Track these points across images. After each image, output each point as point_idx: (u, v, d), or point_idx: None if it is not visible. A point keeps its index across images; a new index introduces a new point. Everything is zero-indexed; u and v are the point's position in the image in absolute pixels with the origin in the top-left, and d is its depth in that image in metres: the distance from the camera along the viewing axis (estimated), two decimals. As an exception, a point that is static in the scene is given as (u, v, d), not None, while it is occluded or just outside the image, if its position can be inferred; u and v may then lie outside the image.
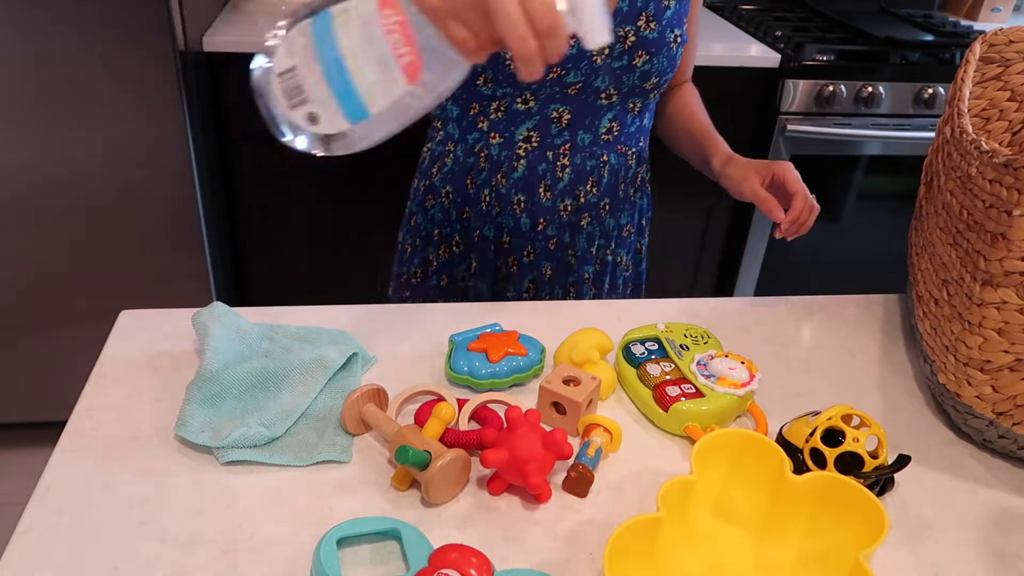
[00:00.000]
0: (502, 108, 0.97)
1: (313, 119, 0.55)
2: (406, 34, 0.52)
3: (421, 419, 0.71)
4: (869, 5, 2.25)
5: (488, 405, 0.74)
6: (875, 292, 0.98)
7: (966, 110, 0.75)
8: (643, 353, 0.78)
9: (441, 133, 1.03)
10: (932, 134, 1.41)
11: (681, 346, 0.79)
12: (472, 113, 0.99)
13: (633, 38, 0.93)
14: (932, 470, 0.71)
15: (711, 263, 2.13)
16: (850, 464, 0.64)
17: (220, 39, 1.62)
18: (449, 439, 0.67)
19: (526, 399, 0.75)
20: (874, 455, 0.65)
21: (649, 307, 0.91)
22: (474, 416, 0.72)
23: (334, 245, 1.92)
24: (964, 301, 0.69)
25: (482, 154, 1.00)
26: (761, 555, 0.61)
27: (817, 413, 0.68)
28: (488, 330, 0.80)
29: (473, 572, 0.55)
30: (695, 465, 0.61)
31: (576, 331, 0.79)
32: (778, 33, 1.95)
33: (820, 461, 0.65)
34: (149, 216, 1.64)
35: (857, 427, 0.66)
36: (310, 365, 0.73)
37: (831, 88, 1.83)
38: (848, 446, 0.64)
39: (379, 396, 0.70)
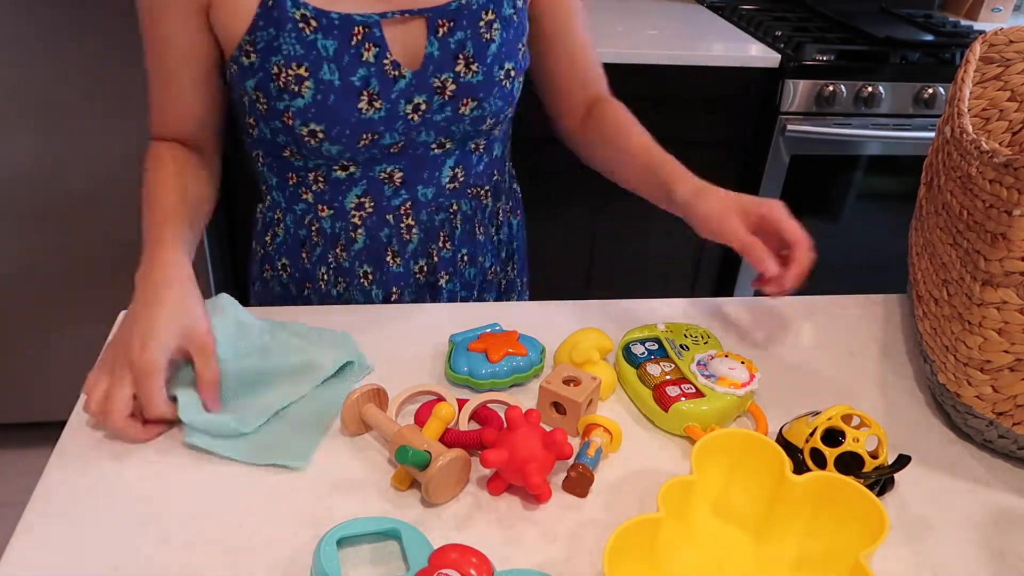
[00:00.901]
0: (320, 178, 0.85)
1: None
2: None
3: (421, 419, 0.71)
4: (869, 5, 2.25)
5: (488, 405, 0.74)
6: (875, 292, 0.98)
7: (966, 110, 0.75)
8: (643, 353, 0.78)
9: (268, 198, 0.91)
10: (932, 134, 1.41)
11: (681, 346, 0.79)
12: (291, 183, 0.87)
13: (453, 86, 0.82)
14: (932, 470, 0.71)
15: (711, 263, 2.13)
16: (850, 464, 0.64)
17: (220, 39, 1.62)
18: (449, 439, 0.67)
19: (526, 399, 0.75)
20: (874, 455, 0.65)
21: (649, 307, 0.91)
22: (474, 416, 0.72)
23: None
24: (964, 301, 0.69)
25: (313, 227, 0.89)
26: (761, 555, 0.61)
27: (817, 413, 0.68)
28: (488, 330, 0.80)
29: (473, 572, 0.55)
30: (695, 465, 0.61)
31: (576, 331, 0.79)
32: (778, 33, 1.95)
33: (820, 461, 0.65)
34: (149, 216, 1.64)
35: (857, 427, 0.66)
36: (300, 368, 0.73)
37: (831, 88, 1.83)
38: (848, 446, 0.64)
39: (379, 396, 0.70)
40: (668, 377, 0.74)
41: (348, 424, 0.69)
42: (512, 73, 0.85)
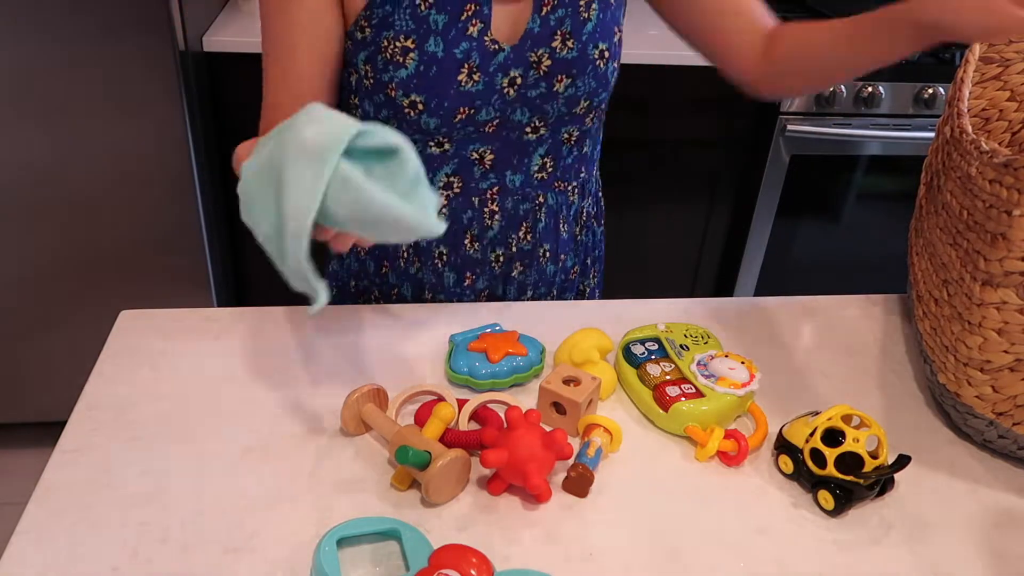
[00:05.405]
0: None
1: None
2: None
3: (421, 419, 0.71)
4: (869, 5, 2.25)
5: (488, 405, 0.74)
6: (875, 292, 0.98)
7: (966, 110, 0.75)
8: (643, 353, 0.78)
9: None
10: (932, 134, 1.41)
11: (681, 346, 0.79)
12: None
13: (548, 61, 0.82)
14: (932, 470, 0.71)
15: (711, 263, 2.13)
16: (850, 464, 0.64)
17: (220, 39, 1.62)
18: (449, 439, 0.67)
19: (526, 399, 0.75)
20: (874, 455, 0.65)
21: (649, 307, 0.91)
22: (474, 416, 0.72)
23: (334, 245, 1.92)
24: (964, 301, 0.69)
25: None
26: None
27: (817, 413, 0.68)
28: (488, 330, 0.80)
29: (473, 572, 0.55)
30: None
31: (576, 331, 0.79)
32: (778, 33, 1.94)
33: (820, 461, 0.65)
34: (149, 216, 1.64)
35: (857, 427, 0.66)
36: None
37: (831, 88, 1.83)
38: (848, 446, 0.64)
39: (379, 396, 0.70)
40: (668, 377, 0.74)
41: (348, 424, 0.69)
42: (606, 55, 0.85)
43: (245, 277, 1.95)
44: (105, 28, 1.45)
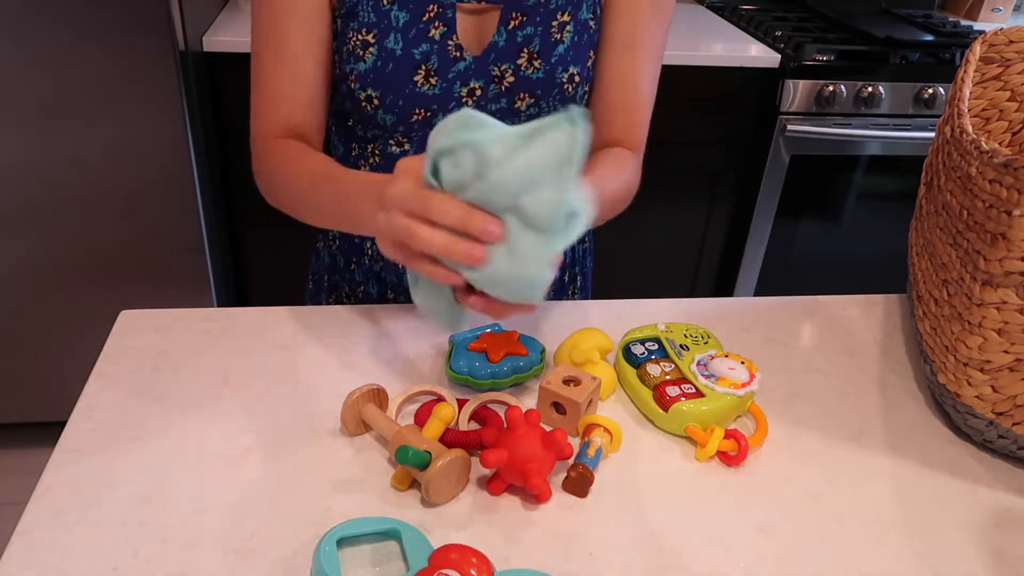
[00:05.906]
0: (377, 151, 0.86)
1: None
2: None
3: (421, 419, 0.71)
4: (869, 5, 2.26)
5: (488, 405, 0.74)
6: (875, 292, 0.98)
7: (966, 110, 0.75)
8: (643, 353, 0.78)
9: None
10: (932, 134, 1.41)
11: (681, 346, 0.79)
12: (353, 154, 0.88)
13: (512, 78, 0.81)
14: (932, 470, 0.71)
15: (711, 263, 2.13)
16: None
17: (220, 39, 1.63)
18: (449, 439, 0.67)
19: (526, 399, 0.75)
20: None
21: (649, 307, 0.91)
22: (474, 416, 0.72)
23: (334, 245, 1.92)
24: (964, 301, 0.69)
25: None
26: None
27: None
28: (488, 330, 0.80)
29: (473, 572, 0.55)
30: None
31: (576, 331, 0.79)
32: (778, 33, 1.95)
33: None
34: (149, 216, 1.64)
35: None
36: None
37: (831, 88, 1.83)
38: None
39: (379, 396, 0.70)
40: (668, 377, 0.74)
41: (348, 424, 0.69)
42: (576, 79, 0.83)
43: (245, 277, 1.95)
44: (105, 28, 1.45)
